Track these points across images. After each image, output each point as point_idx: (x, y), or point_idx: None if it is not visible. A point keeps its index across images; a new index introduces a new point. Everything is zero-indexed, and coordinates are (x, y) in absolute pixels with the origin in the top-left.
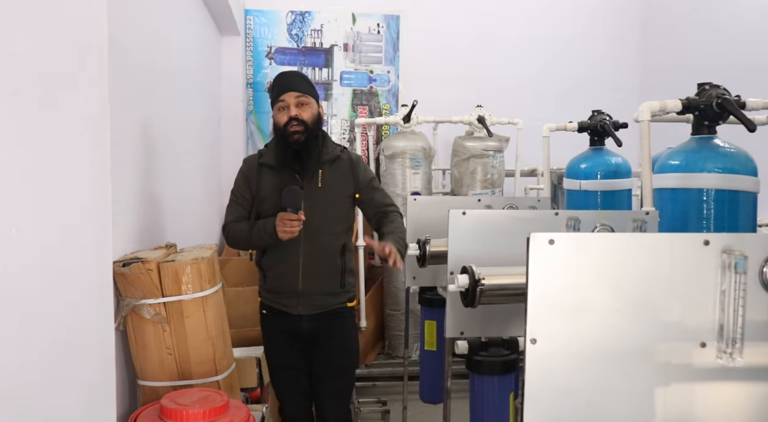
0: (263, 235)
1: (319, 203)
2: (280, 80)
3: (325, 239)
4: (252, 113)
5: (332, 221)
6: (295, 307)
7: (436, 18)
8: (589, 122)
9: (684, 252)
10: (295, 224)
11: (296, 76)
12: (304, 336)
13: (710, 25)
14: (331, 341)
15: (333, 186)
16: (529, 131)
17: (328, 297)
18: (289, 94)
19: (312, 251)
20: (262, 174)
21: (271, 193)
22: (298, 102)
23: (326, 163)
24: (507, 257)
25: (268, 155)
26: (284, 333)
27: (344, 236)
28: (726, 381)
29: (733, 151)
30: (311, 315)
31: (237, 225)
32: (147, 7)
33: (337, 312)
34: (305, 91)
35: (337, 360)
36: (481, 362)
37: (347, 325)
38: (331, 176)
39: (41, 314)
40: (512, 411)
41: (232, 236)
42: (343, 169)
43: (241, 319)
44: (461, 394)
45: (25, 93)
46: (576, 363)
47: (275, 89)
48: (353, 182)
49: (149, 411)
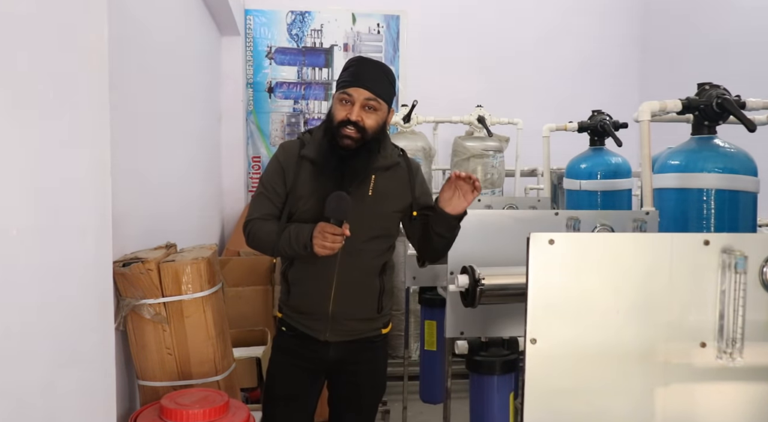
0: (294, 245)
1: (366, 214)
2: (358, 69)
3: (366, 257)
4: (252, 113)
5: (377, 237)
6: (322, 332)
7: (436, 18)
8: (589, 122)
9: (684, 252)
10: (338, 239)
11: (378, 70)
12: (327, 365)
13: (710, 25)
14: (359, 375)
15: (385, 197)
16: (529, 131)
17: (362, 323)
18: (360, 91)
19: (349, 269)
20: (301, 168)
21: (309, 194)
22: (366, 104)
23: (381, 169)
24: (507, 257)
25: (311, 146)
26: (303, 360)
27: (387, 253)
28: (726, 381)
29: (733, 151)
30: (339, 343)
31: (264, 225)
32: (147, 7)
33: (371, 341)
34: (380, 93)
35: (365, 397)
36: (481, 362)
37: (378, 356)
38: (385, 185)
39: (41, 314)
40: (512, 411)
41: (255, 237)
42: (401, 179)
43: (241, 319)
44: (461, 394)
45: (25, 93)
46: (576, 363)
47: (347, 74)
48: (410, 196)
49: (149, 411)
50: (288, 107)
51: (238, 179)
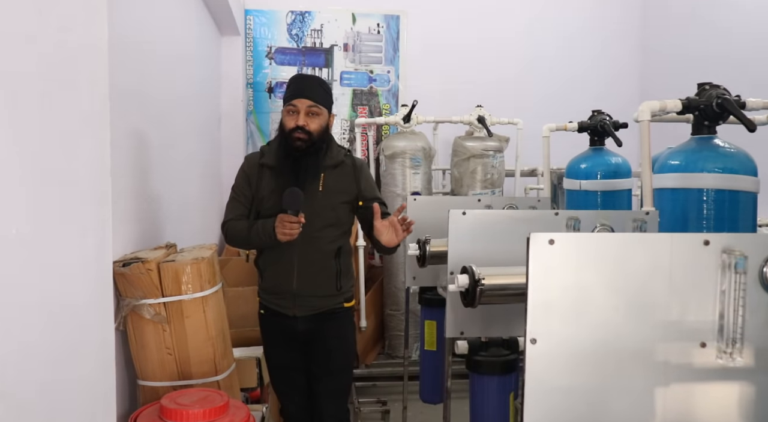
0: (262, 235)
1: (318, 206)
2: (297, 84)
3: (321, 242)
4: (252, 113)
5: (330, 225)
6: (290, 308)
7: (436, 18)
8: (589, 122)
9: (684, 252)
10: (295, 226)
11: (314, 82)
12: (300, 336)
13: (710, 25)
14: (327, 341)
15: (334, 191)
16: (529, 131)
17: (323, 299)
18: (302, 101)
19: (307, 253)
20: (262, 174)
21: (270, 194)
22: (308, 111)
23: (329, 167)
24: (507, 257)
25: (270, 155)
26: (281, 334)
27: (341, 239)
28: (726, 381)
29: (733, 151)
30: (306, 316)
31: (236, 224)
32: (147, 7)
33: (334, 312)
34: (319, 101)
35: (334, 360)
36: (481, 362)
37: (343, 325)
38: (333, 180)
39: (41, 314)
40: (512, 411)
41: (231, 235)
42: (346, 175)
43: (241, 319)
44: (461, 394)
45: (25, 93)
46: (576, 363)
47: (290, 90)
48: (356, 189)
49: (149, 411)
50: None
51: None
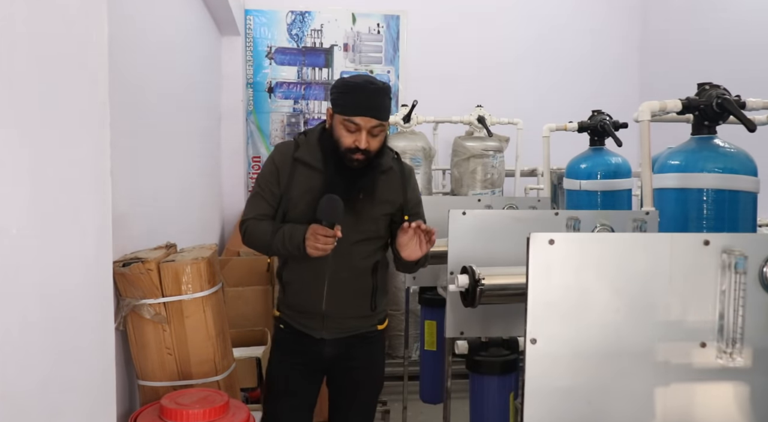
0: (288, 245)
1: (357, 217)
2: (361, 97)
3: (356, 257)
4: (252, 113)
5: (368, 239)
6: (318, 330)
7: (436, 18)
8: (589, 122)
9: (684, 252)
10: (330, 240)
11: (381, 94)
12: (324, 361)
13: (710, 25)
14: (354, 371)
15: (377, 201)
16: (529, 131)
17: (356, 320)
18: (368, 120)
19: (340, 269)
20: (295, 170)
21: (302, 195)
22: (372, 131)
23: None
24: (507, 257)
25: (306, 149)
26: (301, 356)
27: (378, 252)
28: (726, 381)
29: (733, 151)
30: (334, 340)
31: (258, 224)
32: (147, 6)
33: (365, 337)
34: (385, 118)
35: (362, 393)
36: (481, 362)
37: (374, 350)
38: (378, 189)
39: (41, 314)
40: (512, 411)
41: (250, 236)
42: (393, 183)
43: (241, 319)
44: (461, 394)
45: (25, 93)
46: (576, 363)
47: (350, 100)
48: (401, 200)
49: (149, 411)
50: (288, 107)
51: (238, 179)
